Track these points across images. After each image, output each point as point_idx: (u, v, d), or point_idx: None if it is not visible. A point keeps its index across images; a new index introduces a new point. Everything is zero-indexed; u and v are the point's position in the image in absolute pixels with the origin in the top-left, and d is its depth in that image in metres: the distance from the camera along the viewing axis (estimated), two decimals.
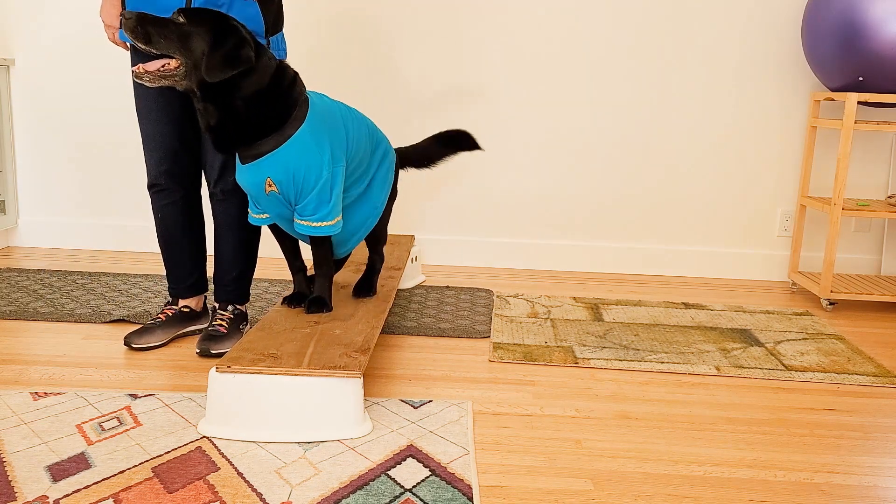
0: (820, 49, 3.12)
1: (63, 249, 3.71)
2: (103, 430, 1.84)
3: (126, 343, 2.39)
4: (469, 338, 2.62)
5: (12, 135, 3.65)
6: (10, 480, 1.60)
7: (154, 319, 2.47)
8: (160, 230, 2.46)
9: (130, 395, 2.05)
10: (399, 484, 1.63)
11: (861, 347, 2.68)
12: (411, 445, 1.81)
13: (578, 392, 2.19)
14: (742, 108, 3.52)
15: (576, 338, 2.64)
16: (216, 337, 2.38)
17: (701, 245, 3.64)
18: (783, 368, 2.42)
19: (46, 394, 2.03)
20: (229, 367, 1.82)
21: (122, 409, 1.95)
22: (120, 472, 1.65)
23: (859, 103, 3.14)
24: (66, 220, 3.72)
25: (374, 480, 1.64)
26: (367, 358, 1.90)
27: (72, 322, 2.64)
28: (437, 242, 3.67)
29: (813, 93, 3.36)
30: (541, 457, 1.80)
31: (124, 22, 1.92)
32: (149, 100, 2.32)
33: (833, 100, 3.34)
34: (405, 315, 2.83)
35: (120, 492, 1.57)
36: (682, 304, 3.13)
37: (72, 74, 3.59)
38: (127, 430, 1.84)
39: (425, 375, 2.28)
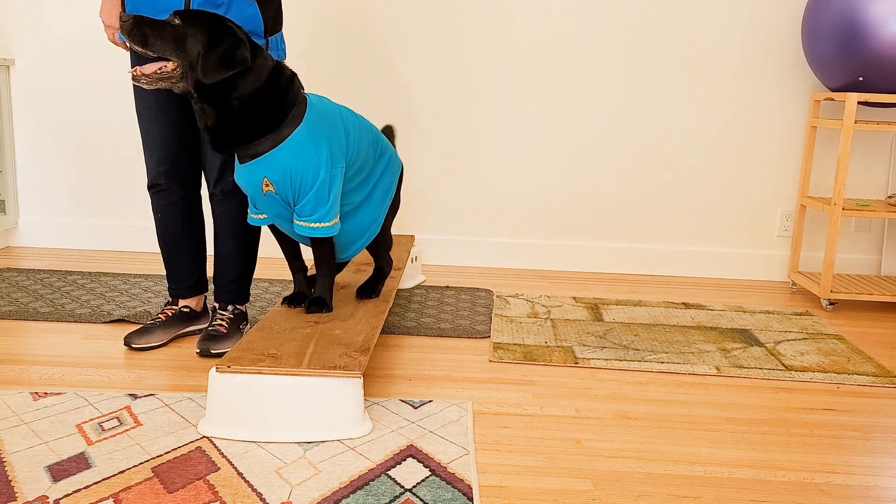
0: (820, 49, 3.12)
1: (63, 249, 3.71)
2: (103, 430, 1.84)
3: (126, 343, 2.39)
4: (469, 338, 2.62)
5: (12, 135, 3.65)
6: (10, 480, 1.60)
7: (154, 319, 2.47)
8: (160, 230, 2.46)
9: (130, 395, 2.05)
10: (399, 484, 1.63)
11: (861, 347, 2.68)
12: (411, 445, 1.81)
13: (578, 392, 2.19)
14: (742, 109, 3.52)
15: (576, 338, 2.64)
16: (216, 337, 2.38)
17: (701, 245, 3.64)
18: (783, 368, 2.42)
19: (46, 394, 2.03)
20: (229, 367, 1.82)
21: (122, 409, 1.95)
22: (120, 472, 1.65)
23: (859, 103, 3.14)
24: (66, 220, 3.72)
25: (374, 480, 1.64)
26: (367, 358, 1.90)
27: (72, 322, 2.64)
28: (437, 242, 3.67)
29: (813, 93, 3.36)
30: (541, 457, 1.80)
31: (121, 24, 1.92)
32: (149, 100, 2.32)
33: (833, 100, 3.34)
34: (405, 315, 2.83)
35: (120, 492, 1.57)
36: (682, 304, 3.13)
37: (72, 74, 3.59)
38: (127, 430, 1.84)
39: (425, 375, 2.28)
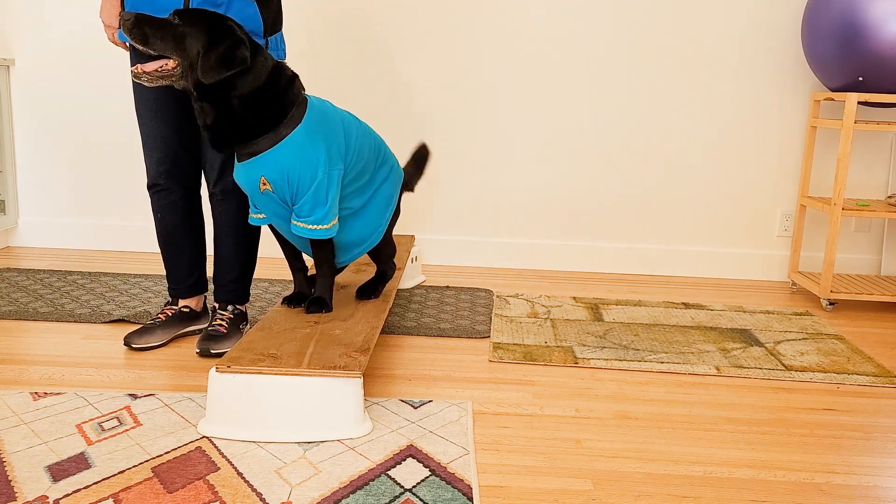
0: (820, 49, 3.12)
1: (63, 249, 3.71)
2: (103, 430, 1.84)
3: (126, 343, 2.39)
4: (469, 338, 2.62)
5: (12, 135, 3.65)
6: (10, 480, 1.60)
7: (154, 319, 2.47)
8: (160, 230, 2.46)
9: (130, 395, 2.05)
10: (399, 484, 1.63)
11: (861, 347, 2.68)
12: (411, 445, 1.81)
13: (578, 392, 2.19)
14: (742, 109, 3.52)
15: (576, 338, 2.64)
16: (216, 337, 2.38)
17: (701, 245, 3.64)
18: (783, 368, 2.42)
19: (46, 394, 2.03)
20: (229, 367, 1.82)
21: (122, 409, 1.95)
22: (120, 472, 1.65)
23: (859, 103, 3.14)
24: (66, 220, 3.72)
25: (374, 480, 1.64)
26: (367, 358, 1.90)
27: (72, 322, 2.64)
28: (437, 242, 3.67)
29: (813, 93, 3.36)
30: (541, 457, 1.80)
31: (122, 22, 1.94)
32: (148, 100, 2.33)
33: (833, 100, 3.34)
34: (405, 315, 2.83)
35: (120, 492, 1.57)
36: (682, 304, 3.13)
37: (72, 74, 3.59)
38: (127, 430, 1.84)
39: (425, 375, 2.28)
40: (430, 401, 2.07)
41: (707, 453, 1.85)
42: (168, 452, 1.74)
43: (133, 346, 2.39)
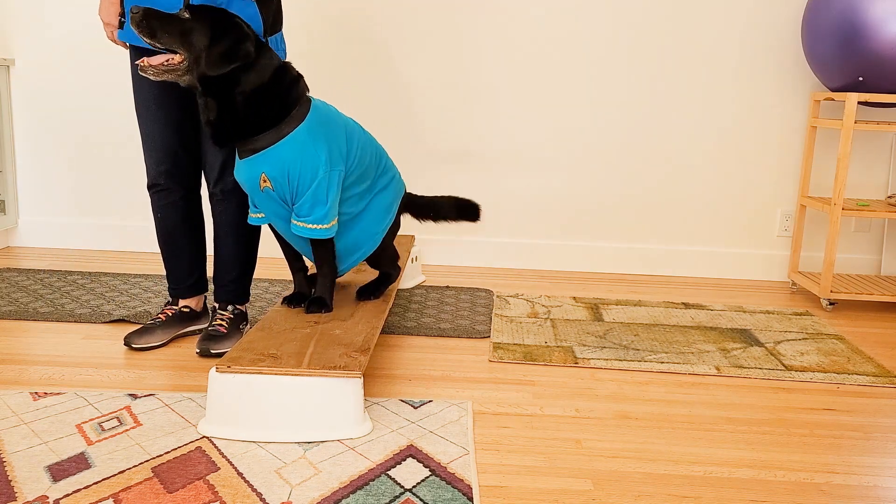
0: (820, 49, 3.12)
1: (63, 249, 3.71)
2: (103, 430, 1.84)
3: (126, 343, 2.39)
4: (469, 338, 2.62)
5: (12, 135, 3.65)
6: (10, 480, 1.60)
7: (154, 319, 2.47)
8: (160, 230, 2.46)
9: (130, 395, 2.05)
10: (399, 484, 1.63)
11: (861, 347, 2.68)
12: (411, 445, 1.81)
13: (578, 392, 2.19)
14: (742, 109, 3.52)
15: (576, 338, 2.64)
16: (216, 337, 2.38)
17: (701, 245, 3.64)
18: (783, 368, 2.42)
19: (46, 394, 2.03)
20: (229, 367, 1.82)
21: (122, 409, 1.95)
22: (120, 472, 1.65)
23: (859, 103, 3.14)
24: (66, 220, 3.72)
25: (374, 480, 1.64)
26: (367, 358, 1.90)
27: (72, 322, 2.64)
28: (437, 242, 3.67)
29: (813, 93, 3.36)
30: (541, 457, 1.80)
31: (131, 16, 1.97)
32: (148, 100, 2.32)
33: (833, 100, 3.34)
34: (405, 315, 2.83)
35: (120, 492, 1.57)
36: (682, 304, 3.13)
37: (72, 74, 3.59)
38: (127, 430, 1.84)
39: (425, 375, 2.28)
40: (430, 401, 2.07)
41: (707, 453, 1.85)
42: (168, 452, 1.74)
43: (133, 346, 2.39)
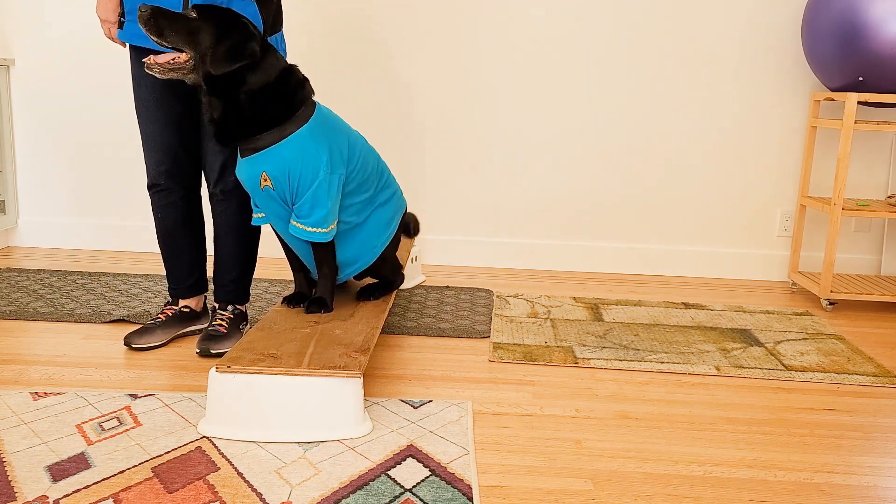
0: (820, 49, 3.12)
1: (63, 249, 3.71)
2: (103, 430, 1.84)
3: (126, 343, 2.39)
4: (469, 338, 2.62)
5: (12, 135, 3.65)
6: (10, 480, 1.60)
7: (154, 319, 2.47)
8: (160, 230, 2.46)
9: (130, 395, 2.05)
10: (399, 484, 1.63)
11: (861, 347, 2.68)
12: (411, 445, 1.81)
13: (578, 392, 2.19)
14: (742, 109, 3.52)
15: (576, 338, 2.64)
16: (216, 337, 2.38)
17: (701, 245, 3.64)
18: (783, 368, 2.42)
19: (46, 394, 2.03)
20: (229, 367, 1.82)
21: (122, 409, 1.95)
22: (120, 472, 1.65)
23: (859, 103, 3.14)
24: (66, 220, 3.72)
25: (374, 480, 1.64)
26: (367, 358, 1.90)
27: (72, 322, 2.64)
28: (437, 242, 3.67)
29: (813, 93, 3.36)
30: (541, 457, 1.80)
31: (139, 14, 1.99)
32: (149, 100, 2.33)
33: (833, 100, 3.34)
34: (405, 315, 2.83)
35: (120, 492, 1.57)
36: (682, 304, 3.13)
37: (72, 74, 3.59)
38: (127, 430, 1.84)
39: (425, 375, 2.28)
40: (430, 401, 2.07)
41: (707, 453, 1.85)
42: (168, 452, 1.74)
43: (133, 346, 2.39)
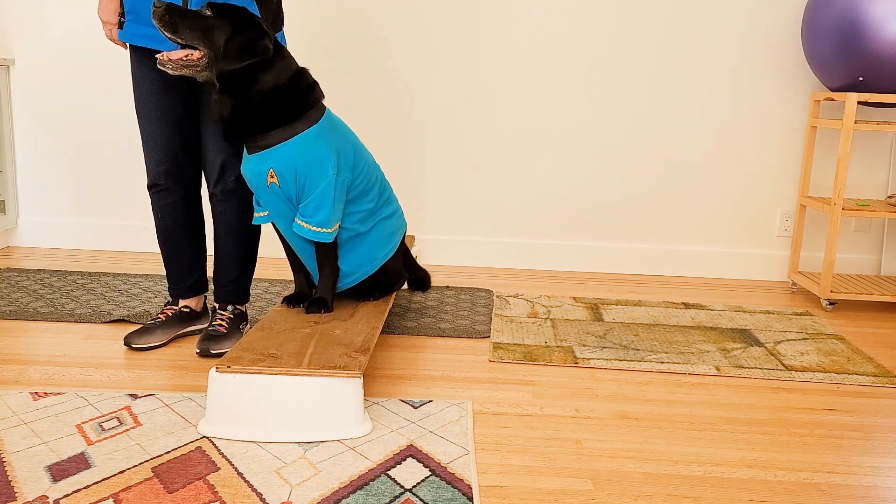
0: (820, 49, 3.12)
1: (63, 249, 3.71)
2: (103, 430, 1.84)
3: (126, 343, 2.39)
4: (469, 338, 2.62)
5: (12, 135, 3.65)
6: (10, 480, 1.60)
7: (154, 319, 2.47)
8: (160, 230, 2.46)
9: (130, 395, 2.05)
10: (399, 484, 1.63)
11: (861, 347, 2.68)
12: (411, 445, 1.81)
13: (578, 392, 2.19)
14: (742, 108, 3.52)
15: (576, 338, 2.64)
16: (216, 337, 2.38)
17: (701, 245, 3.64)
18: (783, 368, 2.42)
19: (46, 394, 2.03)
20: (229, 367, 1.82)
21: (122, 409, 1.95)
22: (120, 472, 1.65)
23: (859, 103, 3.14)
24: (66, 220, 3.72)
25: (374, 480, 1.64)
26: (367, 358, 1.90)
27: (72, 322, 2.64)
28: (437, 242, 3.67)
29: (813, 93, 3.36)
30: (541, 457, 1.80)
31: (153, 10, 2.00)
32: (149, 100, 2.32)
33: (833, 100, 3.34)
34: (405, 315, 2.83)
35: (120, 492, 1.57)
36: (682, 304, 3.13)
37: (72, 74, 3.59)
38: (127, 430, 1.84)
39: (425, 375, 2.28)
40: (430, 401, 2.07)
41: (707, 453, 1.85)
42: (168, 452, 1.74)
43: (133, 346, 2.39)
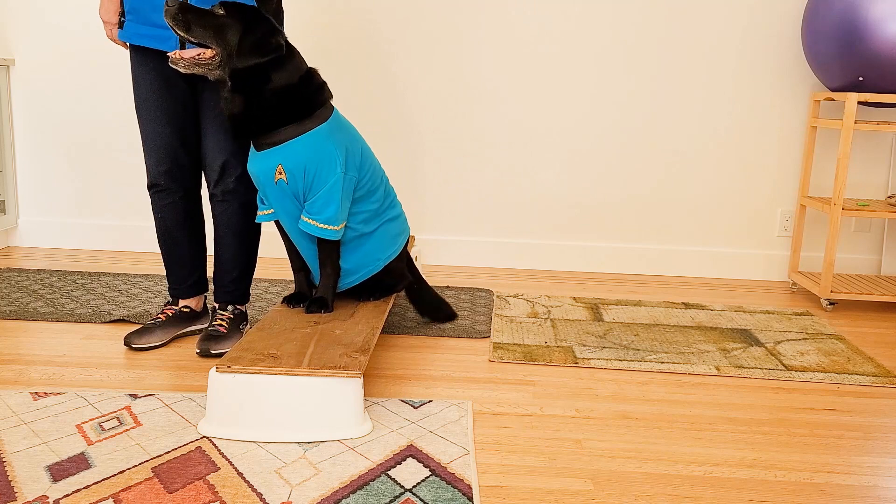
0: (820, 49, 3.12)
1: (63, 249, 3.71)
2: (103, 430, 1.84)
3: (126, 343, 2.39)
4: (469, 338, 2.62)
5: (12, 135, 3.65)
6: (10, 480, 1.60)
7: (154, 319, 2.47)
8: (160, 230, 2.46)
9: (130, 395, 2.05)
10: (399, 484, 1.63)
11: (861, 347, 2.68)
12: (411, 445, 1.81)
13: (578, 392, 2.19)
14: (742, 109, 3.52)
15: (576, 338, 2.64)
16: (216, 337, 2.38)
17: (701, 245, 3.64)
18: (783, 368, 2.42)
19: (46, 394, 2.03)
20: (229, 367, 1.82)
21: (122, 409, 1.95)
22: (120, 472, 1.65)
23: (859, 103, 3.14)
24: (66, 220, 3.72)
25: (374, 480, 1.64)
26: (367, 358, 1.90)
27: (72, 322, 2.64)
28: (437, 242, 3.67)
29: (813, 93, 3.36)
30: (541, 457, 1.80)
31: (166, 9, 2.02)
32: (149, 100, 2.33)
33: (833, 100, 3.34)
34: (405, 315, 2.83)
35: (120, 492, 1.57)
36: (682, 304, 3.13)
37: (72, 74, 3.59)
38: (127, 430, 1.84)
39: (425, 375, 2.28)
40: (430, 401, 2.07)
41: (707, 453, 1.85)
42: (168, 452, 1.74)
43: (133, 346, 2.39)
